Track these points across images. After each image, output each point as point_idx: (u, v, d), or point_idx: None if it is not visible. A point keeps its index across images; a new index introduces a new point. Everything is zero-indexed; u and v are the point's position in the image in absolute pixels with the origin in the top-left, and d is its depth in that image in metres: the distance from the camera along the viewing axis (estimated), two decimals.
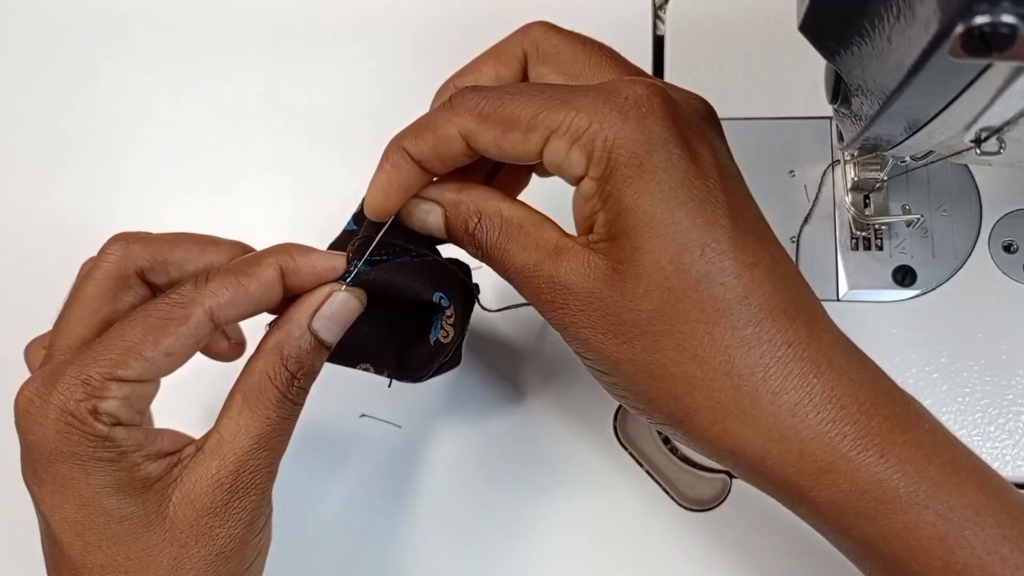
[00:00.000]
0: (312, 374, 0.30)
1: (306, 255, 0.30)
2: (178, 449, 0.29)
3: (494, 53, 0.32)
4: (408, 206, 0.30)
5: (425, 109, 0.46)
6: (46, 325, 0.36)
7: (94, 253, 0.31)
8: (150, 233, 0.31)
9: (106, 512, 0.27)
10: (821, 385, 0.26)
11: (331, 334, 0.30)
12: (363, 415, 0.41)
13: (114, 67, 0.50)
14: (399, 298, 0.31)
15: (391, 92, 0.47)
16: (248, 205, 0.46)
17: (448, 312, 0.32)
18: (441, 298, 0.32)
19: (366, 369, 0.33)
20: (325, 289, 0.30)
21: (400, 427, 0.41)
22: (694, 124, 0.28)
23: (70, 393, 0.27)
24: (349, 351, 0.32)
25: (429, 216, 0.30)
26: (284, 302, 0.30)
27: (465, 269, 0.34)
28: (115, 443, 0.27)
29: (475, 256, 0.30)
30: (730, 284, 0.27)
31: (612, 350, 0.28)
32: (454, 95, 0.29)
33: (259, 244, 0.33)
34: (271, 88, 0.48)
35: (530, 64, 0.31)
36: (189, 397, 0.37)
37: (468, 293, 0.33)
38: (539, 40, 0.31)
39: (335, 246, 0.33)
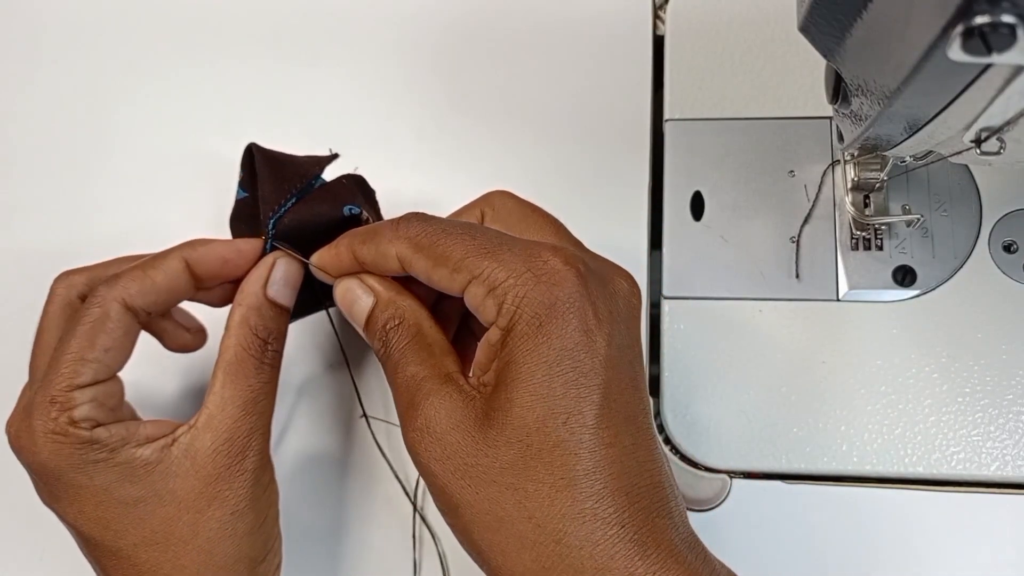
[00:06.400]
0: (281, 337, 0.34)
1: (208, 245, 0.33)
2: (166, 433, 0.31)
3: (458, 213, 0.35)
4: (348, 283, 0.33)
5: (424, 110, 0.47)
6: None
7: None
8: (86, 265, 0.34)
9: (120, 501, 0.30)
10: (645, 566, 0.27)
11: (286, 297, 0.34)
12: (363, 415, 0.42)
13: (114, 67, 0.50)
14: (321, 232, 0.34)
15: (391, 92, 0.47)
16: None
17: (363, 217, 0.35)
18: (351, 209, 0.35)
19: (318, 309, 0.37)
20: (269, 259, 0.34)
21: (400, 427, 0.41)
22: (599, 303, 0.29)
23: (45, 414, 0.30)
24: (306, 303, 0.35)
25: (361, 301, 0.32)
26: (220, 293, 0.34)
27: (353, 177, 0.37)
28: (102, 443, 0.30)
29: (375, 350, 0.32)
30: (583, 456, 0.27)
31: (455, 491, 0.28)
32: (403, 217, 0.31)
33: None
34: (271, 88, 0.48)
35: (486, 221, 0.34)
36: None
37: (365, 189, 0.37)
38: (495, 203, 0.34)
39: (234, 217, 0.37)
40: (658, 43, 0.46)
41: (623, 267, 0.32)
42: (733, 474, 0.39)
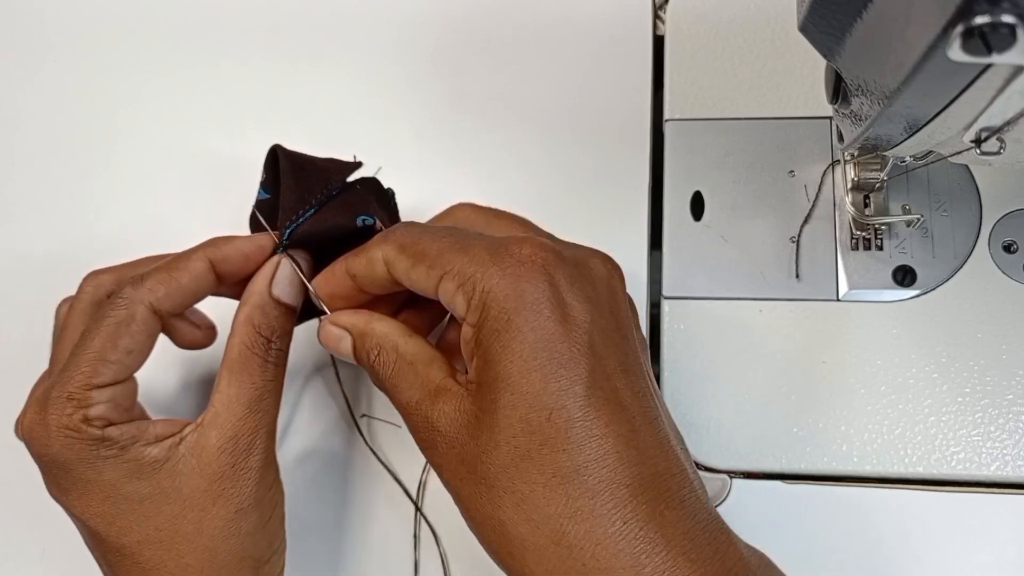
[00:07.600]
0: (286, 335, 0.34)
1: (231, 243, 0.34)
2: (175, 432, 0.31)
3: None
4: (326, 328, 0.33)
5: (424, 110, 0.47)
6: (39, 326, 0.36)
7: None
8: (114, 265, 0.35)
9: (127, 497, 0.30)
10: (652, 566, 0.26)
11: (291, 296, 0.34)
12: (363, 415, 0.42)
13: (114, 66, 0.50)
14: (334, 242, 0.34)
15: (391, 92, 0.47)
16: (249, 205, 0.46)
17: (377, 227, 0.35)
18: (364, 219, 0.35)
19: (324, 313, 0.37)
20: (274, 259, 0.34)
21: (400, 427, 0.41)
22: (576, 289, 0.28)
23: (61, 410, 0.30)
24: (313, 308, 0.35)
25: (341, 342, 0.33)
26: (239, 285, 0.34)
27: (368, 182, 0.37)
28: (113, 440, 0.30)
29: (376, 385, 0.32)
30: (571, 452, 0.26)
31: (465, 498, 0.28)
32: (393, 227, 0.32)
33: None
34: (271, 88, 0.48)
35: None
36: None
37: (383, 199, 0.37)
38: (458, 215, 0.34)
39: (254, 217, 0.36)
40: (658, 43, 0.46)
41: (601, 250, 0.31)
42: (733, 474, 0.39)
